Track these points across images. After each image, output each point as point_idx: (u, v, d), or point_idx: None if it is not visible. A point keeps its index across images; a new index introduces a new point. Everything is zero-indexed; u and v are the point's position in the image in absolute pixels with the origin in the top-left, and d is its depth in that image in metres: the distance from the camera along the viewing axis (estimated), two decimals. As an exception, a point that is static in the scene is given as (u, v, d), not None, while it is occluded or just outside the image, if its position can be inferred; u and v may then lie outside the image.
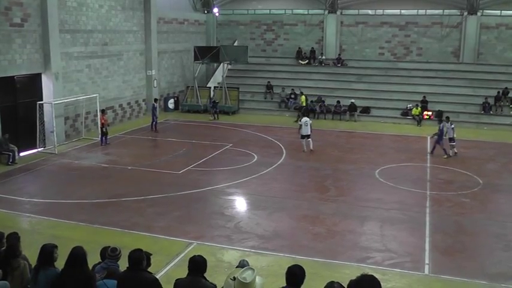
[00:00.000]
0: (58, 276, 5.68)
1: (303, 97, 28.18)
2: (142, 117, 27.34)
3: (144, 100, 27.70)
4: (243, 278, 4.85)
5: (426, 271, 10.08)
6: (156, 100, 24.78)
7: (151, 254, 6.45)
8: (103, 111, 21.42)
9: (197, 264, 5.46)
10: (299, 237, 11.80)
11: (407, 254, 10.86)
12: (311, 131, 19.87)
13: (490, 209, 14.13)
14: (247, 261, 5.94)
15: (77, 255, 5.65)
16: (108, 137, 20.99)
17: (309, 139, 19.84)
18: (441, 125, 19.72)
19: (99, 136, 20.98)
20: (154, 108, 23.92)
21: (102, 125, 20.77)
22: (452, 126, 19.57)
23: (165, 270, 9.58)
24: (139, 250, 5.73)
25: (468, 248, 11.32)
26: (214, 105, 27.94)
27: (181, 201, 14.07)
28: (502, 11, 29.70)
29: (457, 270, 10.11)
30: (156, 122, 23.82)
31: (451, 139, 19.45)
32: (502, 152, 20.40)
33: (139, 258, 5.62)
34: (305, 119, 20.16)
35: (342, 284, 4.61)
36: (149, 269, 6.04)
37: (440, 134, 19.48)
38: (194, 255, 5.59)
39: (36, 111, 19.50)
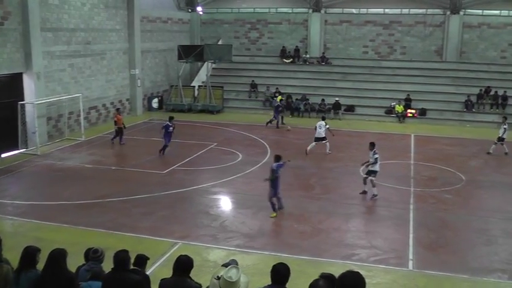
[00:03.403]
0: (39, 278, 5.59)
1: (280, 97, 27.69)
2: (126, 116, 27.07)
3: (127, 99, 27.50)
4: (228, 277, 4.83)
5: (410, 267, 10.20)
6: (171, 118, 19.17)
7: (148, 258, 6.47)
8: (118, 110, 21.66)
9: (182, 264, 5.43)
10: (284, 235, 11.84)
11: (391, 250, 10.97)
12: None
13: (472, 204, 14.36)
14: (236, 261, 5.89)
15: (54, 256, 5.59)
16: (123, 137, 20.85)
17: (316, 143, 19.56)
18: (275, 164, 12.66)
19: (114, 135, 20.88)
20: (168, 131, 19.03)
21: (115, 123, 20.77)
22: (376, 156, 14.20)
23: (151, 270, 9.50)
24: (125, 251, 5.69)
25: (451, 243, 11.48)
26: (278, 108, 24.91)
27: (166, 201, 14.00)
28: (484, 11, 30.15)
29: (440, 265, 10.25)
30: (165, 146, 19.08)
31: (373, 172, 14.40)
32: (485, 149, 20.64)
33: (124, 259, 5.59)
34: (320, 122, 19.92)
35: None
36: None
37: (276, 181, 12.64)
38: (180, 255, 5.55)
39: (17, 112, 19.21)
